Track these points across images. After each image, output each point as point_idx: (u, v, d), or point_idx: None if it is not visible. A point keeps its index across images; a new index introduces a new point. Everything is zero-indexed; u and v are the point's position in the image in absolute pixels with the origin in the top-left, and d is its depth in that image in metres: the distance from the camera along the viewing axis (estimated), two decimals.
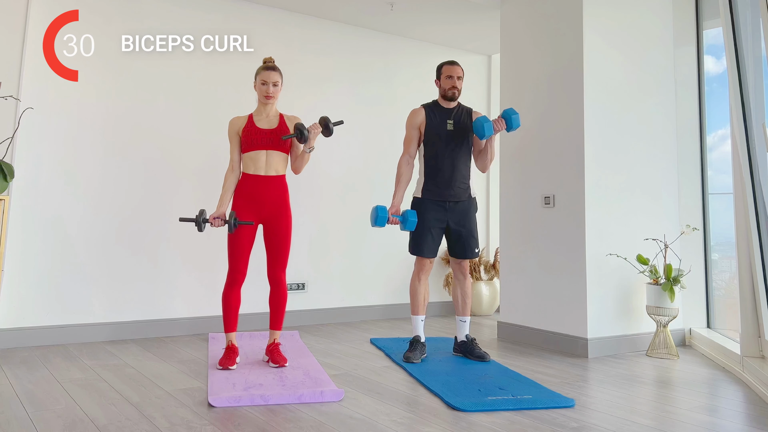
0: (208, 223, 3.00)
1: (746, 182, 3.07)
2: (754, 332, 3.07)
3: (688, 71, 4.11)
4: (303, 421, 2.25)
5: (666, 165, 3.96)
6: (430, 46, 5.21)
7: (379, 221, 3.18)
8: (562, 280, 3.70)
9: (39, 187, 3.62)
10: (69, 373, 2.92)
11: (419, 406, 2.49)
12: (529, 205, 3.92)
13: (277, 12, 4.52)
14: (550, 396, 2.59)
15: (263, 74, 3.14)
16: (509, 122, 3.24)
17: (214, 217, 3.03)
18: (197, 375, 2.92)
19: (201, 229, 2.98)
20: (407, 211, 3.24)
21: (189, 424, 2.19)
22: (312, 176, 4.34)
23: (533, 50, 4.05)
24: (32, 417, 2.24)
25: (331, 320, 4.59)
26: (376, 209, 3.20)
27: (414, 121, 3.37)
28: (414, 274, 3.37)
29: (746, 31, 3.21)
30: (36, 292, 3.58)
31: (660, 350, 3.53)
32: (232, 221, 2.98)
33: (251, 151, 3.10)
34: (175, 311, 3.99)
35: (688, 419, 2.35)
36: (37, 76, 3.60)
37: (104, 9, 3.86)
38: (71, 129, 3.73)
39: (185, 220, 3.05)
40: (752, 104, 3.11)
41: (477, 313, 5.08)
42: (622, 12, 3.87)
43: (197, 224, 2.97)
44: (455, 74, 3.37)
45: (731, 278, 3.92)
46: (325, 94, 4.69)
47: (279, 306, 3.16)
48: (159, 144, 4.00)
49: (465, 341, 3.37)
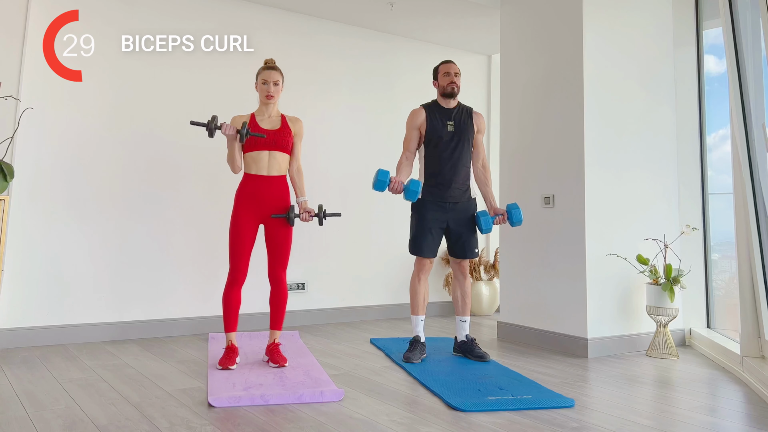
0: (219, 129, 2.97)
1: (746, 182, 3.07)
2: (754, 332, 3.07)
3: (688, 71, 4.11)
4: (303, 421, 2.25)
5: (666, 165, 3.96)
6: (430, 45, 5.21)
7: (378, 185, 3.13)
8: (562, 280, 3.70)
9: (39, 187, 3.62)
10: (69, 373, 2.92)
11: (419, 406, 2.49)
12: (529, 205, 3.92)
13: (277, 12, 4.52)
14: (550, 396, 2.59)
15: (264, 74, 3.15)
16: (510, 218, 3.27)
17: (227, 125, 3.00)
18: (197, 375, 2.92)
19: (212, 134, 2.94)
20: (411, 180, 3.18)
21: (189, 424, 2.19)
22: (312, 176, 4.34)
23: (533, 50, 4.05)
24: (32, 417, 2.24)
25: (331, 320, 4.59)
26: (378, 172, 3.13)
27: (414, 121, 3.37)
28: (414, 274, 3.37)
29: (746, 31, 3.21)
30: (36, 292, 3.58)
31: (660, 350, 3.53)
32: (244, 131, 2.96)
33: (253, 151, 3.10)
34: (175, 311, 3.99)
35: (688, 419, 2.35)
36: (37, 76, 3.60)
37: (104, 9, 3.86)
38: (71, 129, 3.73)
39: (196, 123, 2.99)
40: (752, 104, 3.11)
41: (477, 313, 5.08)
42: (621, 12, 3.87)
43: (208, 129, 2.93)
44: (452, 71, 3.36)
45: (731, 278, 3.92)
46: (324, 94, 4.69)
47: (279, 306, 3.16)
48: (159, 144, 4.00)
49: (465, 341, 3.37)
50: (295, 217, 3.10)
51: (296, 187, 3.24)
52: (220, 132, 3.01)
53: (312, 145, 4.34)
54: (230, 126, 3.01)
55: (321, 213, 3.14)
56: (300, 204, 3.20)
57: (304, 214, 3.15)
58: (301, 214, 3.14)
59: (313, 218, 3.17)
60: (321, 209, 3.15)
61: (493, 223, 3.30)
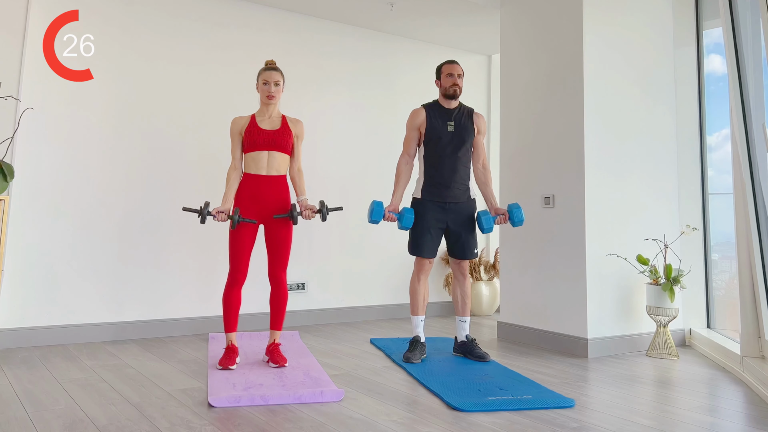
0: (212, 216, 3.01)
1: (746, 182, 3.07)
2: (754, 332, 3.07)
3: (688, 71, 4.11)
4: (303, 422, 2.25)
5: (666, 165, 3.96)
6: (430, 46, 5.21)
7: (375, 216, 3.19)
8: (562, 280, 3.70)
9: (39, 187, 3.62)
10: (69, 373, 2.92)
11: (419, 406, 2.49)
12: (529, 205, 3.92)
13: (277, 12, 4.52)
14: (550, 396, 2.59)
15: (264, 74, 3.15)
16: (511, 218, 3.28)
17: (219, 211, 3.02)
18: (197, 375, 2.92)
19: (203, 221, 2.99)
20: (404, 209, 3.25)
21: (189, 424, 2.19)
22: (312, 176, 4.34)
23: (533, 50, 4.05)
24: (32, 417, 2.24)
25: (331, 320, 4.59)
26: (373, 204, 3.21)
27: (414, 121, 3.37)
28: (413, 275, 3.37)
29: (746, 31, 3.21)
30: (36, 292, 3.58)
31: (660, 350, 3.53)
32: (235, 217, 2.99)
33: (253, 151, 3.11)
34: (175, 311, 3.99)
35: (688, 419, 2.35)
36: (37, 76, 3.60)
37: (104, 9, 3.86)
38: (71, 129, 3.73)
39: (189, 210, 3.05)
40: (752, 104, 3.11)
41: (477, 313, 5.08)
42: (622, 12, 3.87)
43: (201, 215, 2.97)
44: (455, 72, 3.36)
45: (731, 278, 3.92)
46: (324, 94, 4.69)
47: (279, 306, 3.16)
48: (159, 144, 4.00)
49: (465, 341, 3.37)
50: (297, 215, 3.10)
51: (296, 187, 3.25)
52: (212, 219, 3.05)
53: (312, 145, 4.35)
54: (222, 213, 3.01)
55: (323, 209, 3.14)
56: (300, 202, 3.20)
57: (306, 212, 3.15)
58: (303, 212, 3.14)
59: (315, 214, 3.17)
60: (323, 205, 3.15)
61: (494, 222, 3.30)
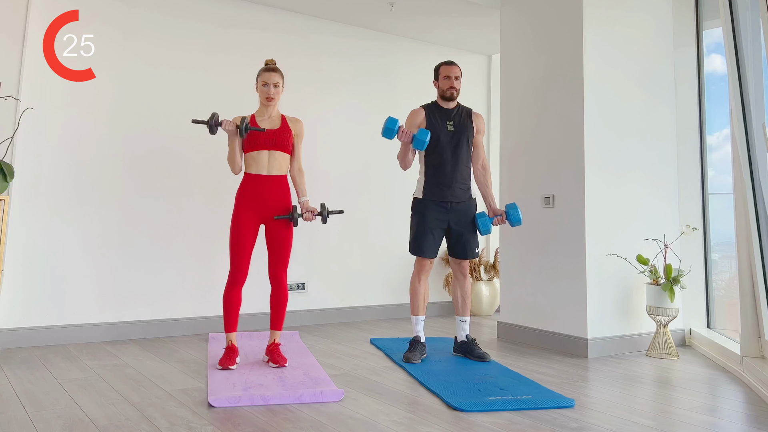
0: (220, 126, 3.01)
1: (746, 182, 3.07)
2: (754, 332, 3.07)
3: (689, 71, 4.11)
4: (303, 422, 2.25)
5: (666, 165, 3.96)
6: (430, 46, 5.21)
7: (386, 132, 3.15)
8: (562, 280, 3.70)
9: (39, 187, 3.62)
10: (69, 373, 2.92)
11: (419, 406, 2.49)
12: (529, 205, 3.92)
13: (278, 12, 4.51)
14: (550, 396, 2.59)
15: (264, 76, 3.15)
16: (509, 218, 3.28)
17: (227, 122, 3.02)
18: (197, 375, 2.92)
19: (213, 131, 2.99)
20: (420, 130, 3.18)
21: (189, 424, 2.19)
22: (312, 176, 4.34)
23: (533, 50, 4.05)
24: (32, 417, 2.24)
25: (331, 320, 4.59)
26: (387, 120, 3.15)
27: (414, 121, 3.37)
28: (414, 275, 3.37)
29: (746, 31, 3.21)
30: (36, 292, 3.58)
31: (660, 350, 3.53)
32: (243, 126, 2.99)
33: (253, 151, 3.11)
34: (175, 311, 3.99)
35: (688, 419, 2.35)
36: (37, 76, 3.60)
37: (104, 9, 3.86)
38: (71, 129, 3.73)
39: (197, 122, 3.05)
40: (752, 104, 3.11)
41: (477, 313, 5.08)
42: (621, 12, 3.87)
43: (209, 127, 2.97)
44: (453, 74, 3.36)
45: (731, 278, 3.92)
46: (325, 94, 4.69)
47: (280, 306, 3.16)
48: (159, 144, 4.00)
49: (465, 341, 3.37)
50: (298, 217, 3.10)
51: (297, 187, 3.25)
52: (221, 128, 3.06)
53: (312, 145, 4.35)
54: (230, 122, 3.03)
55: (324, 211, 3.14)
56: (302, 204, 3.20)
57: (307, 214, 3.15)
58: (303, 214, 3.15)
59: (316, 217, 3.17)
60: (324, 207, 3.15)
61: (491, 224, 3.30)
